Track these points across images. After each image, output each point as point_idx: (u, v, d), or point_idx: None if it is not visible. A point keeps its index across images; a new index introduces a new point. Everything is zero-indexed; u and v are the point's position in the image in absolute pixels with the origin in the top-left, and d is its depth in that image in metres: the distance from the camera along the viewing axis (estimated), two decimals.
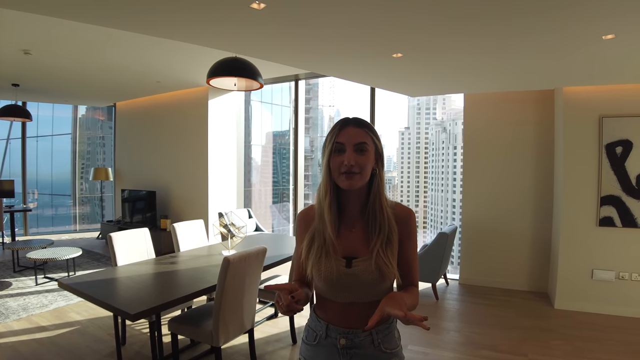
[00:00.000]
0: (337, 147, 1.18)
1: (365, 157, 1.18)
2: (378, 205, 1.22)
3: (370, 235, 1.20)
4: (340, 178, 1.17)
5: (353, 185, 1.17)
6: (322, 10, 2.36)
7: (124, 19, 2.65)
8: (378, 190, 1.22)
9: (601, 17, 2.32)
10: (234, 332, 2.67)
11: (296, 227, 1.34)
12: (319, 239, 1.22)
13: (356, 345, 1.21)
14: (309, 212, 1.30)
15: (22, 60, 4.65)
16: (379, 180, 1.23)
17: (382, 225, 1.20)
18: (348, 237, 1.23)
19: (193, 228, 4.01)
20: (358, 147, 1.17)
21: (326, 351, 1.24)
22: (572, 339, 3.53)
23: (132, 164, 7.74)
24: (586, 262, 4.19)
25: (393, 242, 1.20)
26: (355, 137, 1.18)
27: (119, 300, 2.43)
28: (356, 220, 1.24)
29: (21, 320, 3.79)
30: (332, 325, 1.23)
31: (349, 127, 1.19)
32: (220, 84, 3.41)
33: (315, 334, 1.27)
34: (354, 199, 1.23)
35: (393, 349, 1.24)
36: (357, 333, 1.20)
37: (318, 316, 1.28)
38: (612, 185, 4.06)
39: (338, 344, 1.22)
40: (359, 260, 1.19)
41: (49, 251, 4.97)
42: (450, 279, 5.26)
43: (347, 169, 1.15)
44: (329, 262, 1.19)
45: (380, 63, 3.58)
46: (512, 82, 4.30)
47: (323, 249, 1.21)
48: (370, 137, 1.20)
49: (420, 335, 3.62)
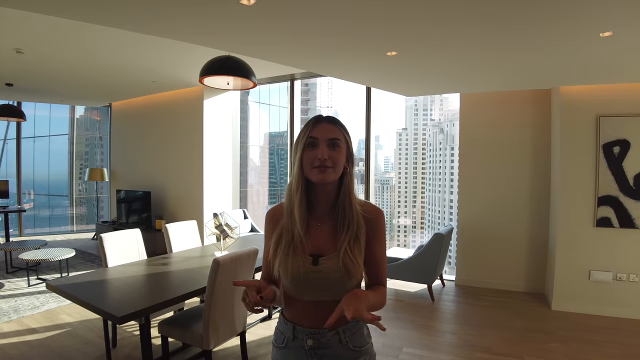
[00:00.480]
0: (310, 142, 1.19)
1: (338, 153, 1.19)
2: (348, 203, 1.22)
3: (339, 232, 1.21)
4: (313, 172, 1.17)
5: (325, 179, 1.17)
6: (313, 5, 2.32)
7: (109, 13, 2.60)
8: (348, 187, 1.23)
9: (598, 12, 2.28)
10: (225, 335, 2.62)
11: (265, 225, 1.34)
12: (287, 235, 1.22)
13: (323, 345, 1.21)
14: (277, 210, 1.29)
15: (15, 59, 4.60)
16: (349, 179, 1.24)
17: (350, 223, 1.20)
18: (316, 234, 1.23)
19: (186, 229, 3.96)
20: (331, 142, 1.19)
21: (294, 353, 1.24)
22: (569, 341, 3.49)
23: (128, 164, 7.69)
24: (583, 263, 4.16)
25: (361, 240, 1.21)
26: (328, 132, 1.19)
27: (107, 302, 2.38)
28: (325, 218, 1.25)
29: (12, 322, 3.74)
30: (299, 326, 1.23)
31: (322, 123, 1.21)
32: (214, 83, 3.37)
33: (283, 337, 1.27)
34: (324, 195, 1.24)
35: (362, 347, 1.24)
36: (323, 333, 1.20)
37: (286, 318, 1.28)
38: (609, 185, 4.02)
39: (305, 345, 1.21)
40: (325, 257, 1.19)
41: (42, 252, 4.92)
42: (446, 280, 5.22)
43: (321, 162, 1.16)
44: (296, 260, 1.19)
45: (374, 61, 3.54)
46: (508, 82, 4.26)
47: (291, 246, 1.20)
48: (343, 134, 1.22)
49: (416, 338, 3.58)
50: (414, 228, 12.21)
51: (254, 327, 3.70)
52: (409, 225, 12.43)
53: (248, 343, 3.10)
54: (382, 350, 3.32)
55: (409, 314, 4.14)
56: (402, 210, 13.23)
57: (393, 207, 13.14)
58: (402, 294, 4.78)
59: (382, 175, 12.85)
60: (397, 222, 12.02)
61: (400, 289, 4.93)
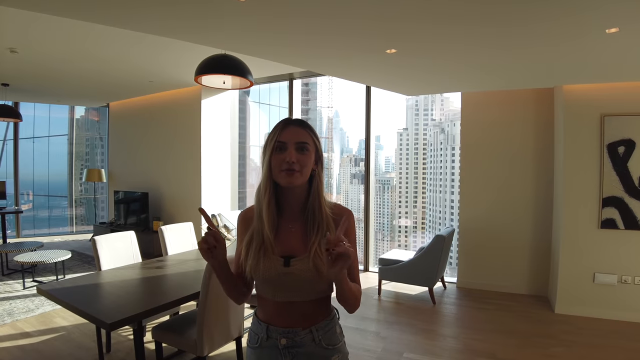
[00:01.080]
0: (278, 146, 1.19)
1: (306, 157, 1.20)
2: (317, 205, 1.23)
3: (309, 234, 1.22)
4: (281, 175, 1.18)
5: (293, 182, 1.18)
6: (309, 1, 2.25)
7: (106, 11, 2.54)
8: (317, 190, 1.24)
9: (606, 7, 2.20)
10: (220, 340, 2.55)
11: (237, 227, 1.34)
12: (257, 238, 1.22)
13: (297, 344, 1.22)
14: (248, 213, 1.30)
15: (9, 59, 4.54)
16: (319, 181, 1.25)
17: (320, 224, 1.22)
18: (287, 236, 1.24)
19: (182, 231, 3.89)
20: (299, 145, 1.19)
21: (268, 352, 1.25)
22: (573, 345, 3.41)
23: (126, 165, 7.63)
24: (587, 265, 4.08)
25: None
26: (297, 136, 1.20)
27: (98, 307, 2.31)
28: (295, 220, 1.25)
29: (5, 325, 3.68)
30: (272, 325, 1.24)
31: (291, 126, 1.21)
32: (210, 82, 3.29)
33: (257, 337, 1.27)
34: (294, 198, 1.25)
35: (335, 345, 1.26)
36: (297, 332, 1.22)
37: (259, 318, 1.29)
38: (614, 186, 3.94)
39: (279, 344, 1.22)
40: (296, 259, 1.20)
41: (38, 254, 4.85)
42: (447, 282, 5.14)
43: (288, 166, 1.17)
44: (267, 262, 1.19)
45: (374, 59, 3.47)
46: (510, 81, 4.19)
47: (262, 248, 1.21)
48: (311, 137, 1.23)
49: (417, 343, 3.51)
50: (415, 229, 12.13)
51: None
52: (409, 226, 12.35)
53: (244, 348, 3.02)
54: (382, 355, 3.24)
55: (410, 318, 4.06)
56: (403, 210, 13.15)
57: (394, 207, 13.07)
58: (402, 296, 4.70)
59: (382, 175, 12.77)
60: (397, 223, 11.93)
61: (401, 291, 4.85)
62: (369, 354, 3.25)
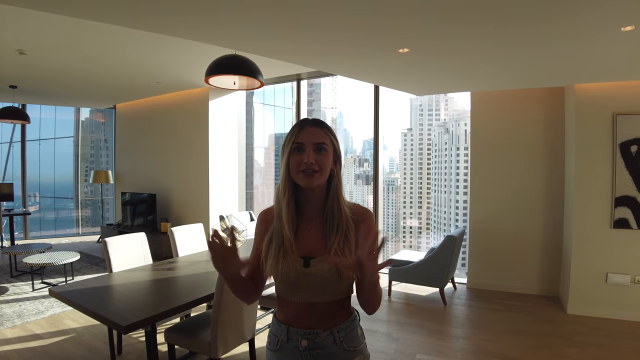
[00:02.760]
0: (296, 147, 1.19)
1: (324, 157, 1.20)
2: (336, 205, 1.23)
3: (329, 234, 1.21)
4: (299, 176, 1.18)
5: (312, 184, 1.18)
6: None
7: (120, 13, 2.53)
8: (336, 190, 1.24)
9: (622, 5, 2.17)
10: (233, 342, 2.54)
11: (256, 226, 1.33)
12: (277, 239, 1.22)
13: (318, 345, 1.21)
14: (268, 213, 1.30)
15: (18, 61, 4.55)
16: (337, 181, 1.25)
17: (339, 225, 1.21)
18: (306, 237, 1.23)
19: (192, 232, 3.88)
20: (317, 146, 1.19)
21: (289, 355, 1.23)
22: (587, 347, 3.37)
23: (133, 166, 7.64)
24: (600, 265, 4.04)
25: (351, 241, 1.21)
26: (314, 136, 1.20)
27: (111, 310, 2.30)
28: (315, 220, 1.25)
29: (15, 327, 3.68)
30: (293, 327, 1.23)
31: (308, 127, 1.21)
32: (220, 83, 3.29)
33: (277, 339, 1.26)
34: (313, 198, 1.24)
35: (356, 347, 1.25)
36: (318, 333, 1.21)
37: (279, 320, 1.27)
38: (626, 185, 3.90)
39: (300, 346, 1.21)
40: (316, 260, 1.19)
41: (46, 256, 4.85)
42: (457, 283, 5.11)
43: (307, 167, 1.17)
44: (287, 262, 1.19)
45: (385, 58, 3.44)
46: (521, 79, 4.15)
47: (282, 249, 1.20)
48: (329, 137, 1.23)
49: (429, 344, 3.48)
50: (420, 229, 12.08)
51: (262, 332, 3.61)
52: (414, 227, 12.30)
53: (257, 349, 3.01)
54: (395, 356, 3.22)
55: (421, 319, 4.03)
56: (408, 211, 13.10)
57: (399, 208, 13.02)
58: (413, 297, 4.67)
59: (387, 175, 12.74)
60: (405, 224, 11.90)
61: (412, 292, 4.82)
62: (381, 356, 3.22)
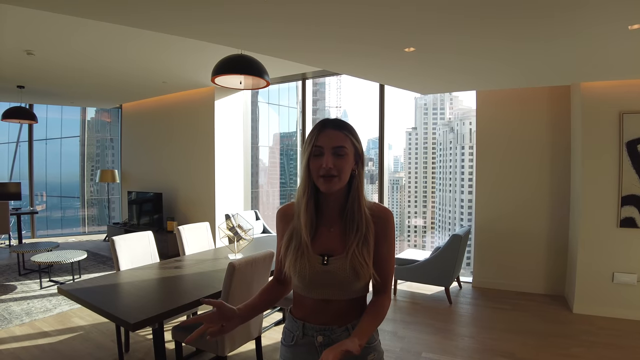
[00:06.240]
0: (315, 151, 1.19)
1: (343, 161, 1.18)
2: (357, 206, 1.23)
3: (348, 234, 1.21)
4: (319, 181, 1.18)
5: (331, 189, 1.18)
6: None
7: (129, 15, 2.55)
8: (357, 191, 1.24)
9: (629, 3, 2.16)
10: (240, 340, 2.56)
11: (276, 224, 1.35)
12: (296, 237, 1.23)
13: (333, 341, 1.20)
14: (287, 210, 1.31)
15: (26, 61, 4.59)
16: (359, 182, 1.24)
17: (359, 225, 1.21)
18: (326, 235, 1.24)
19: (199, 231, 3.90)
20: (336, 150, 1.18)
21: (304, 350, 1.24)
22: (593, 346, 3.37)
23: (139, 165, 7.68)
24: (606, 265, 4.02)
25: (369, 242, 1.21)
26: (333, 140, 1.18)
27: (120, 307, 2.32)
28: (335, 220, 1.25)
29: (24, 325, 3.72)
30: (308, 323, 1.24)
31: (327, 129, 1.20)
32: (226, 83, 3.30)
33: (292, 335, 1.27)
34: (333, 199, 1.24)
35: (371, 344, 1.24)
36: (333, 329, 1.21)
37: (294, 316, 1.28)
38: (633, 184, 3.88)
39: (315, 341, 1.22)
40: (334, 258, 1.20)
41: (54, 254, 4.90)
42: (463, 282, 5.11)
43: (326, 172, 1.16)
44: (305, 259, 1.20)
45: (391, 57, 3.44)
46: (528, 78, 4.14)
47: (300, 248, 1.22)
48: (349, 139, 1.21)
49: (435, 342, 3.48)
50: (425, 228, 12.05)
51: (268, 330, 3.63)
52: (419, 226, 12.28)
53: (264, 347, 3.03)
54: (401, 355, 3.22)
55: (427, 318, 4.04)
56: (412, 210, 13.07)
57: (404, 207, 13.00)
58: (418, 296, 4.68)
59: (392, 175, 12.72)
60: (410, 223, 11.88)
61: (417, 291, 4.83)
62: (387, 354, 3.23)
